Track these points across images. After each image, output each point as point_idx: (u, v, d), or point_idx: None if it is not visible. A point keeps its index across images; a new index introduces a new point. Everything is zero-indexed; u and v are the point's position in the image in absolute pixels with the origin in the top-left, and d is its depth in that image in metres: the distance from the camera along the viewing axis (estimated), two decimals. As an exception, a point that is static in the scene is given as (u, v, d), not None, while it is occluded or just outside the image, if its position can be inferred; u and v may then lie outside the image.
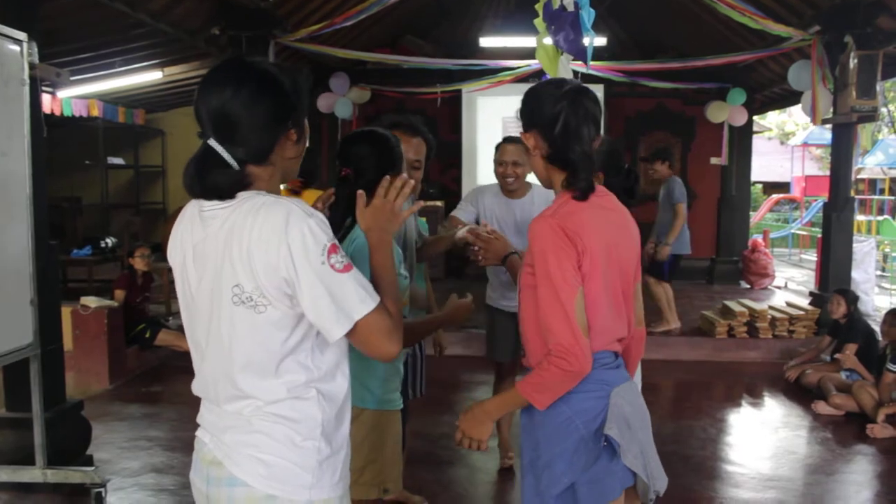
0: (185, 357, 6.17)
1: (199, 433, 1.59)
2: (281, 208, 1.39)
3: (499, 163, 3.67)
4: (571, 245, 1.69)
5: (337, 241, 1.43)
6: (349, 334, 1.43)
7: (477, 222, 3.66)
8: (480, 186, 3.94)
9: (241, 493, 1.45)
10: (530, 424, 1.83)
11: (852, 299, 5.66)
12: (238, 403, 1.47)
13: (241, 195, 1.44)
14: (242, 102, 1.42)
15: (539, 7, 4.05)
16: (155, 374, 6.09)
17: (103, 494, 3.59)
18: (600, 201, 1.81)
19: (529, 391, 1.74)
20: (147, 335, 6.10)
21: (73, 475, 3.64)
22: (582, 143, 1.76)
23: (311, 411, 1.46)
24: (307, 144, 1.61)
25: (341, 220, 2.12)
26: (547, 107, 1.78)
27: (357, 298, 1.41)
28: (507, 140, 3.70)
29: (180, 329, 6.61)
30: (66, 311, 5.25)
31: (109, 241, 8.64)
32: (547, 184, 1.89)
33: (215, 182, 1.42)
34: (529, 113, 1.84)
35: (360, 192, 1.71)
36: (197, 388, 1.59)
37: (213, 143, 1.43)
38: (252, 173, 1.45)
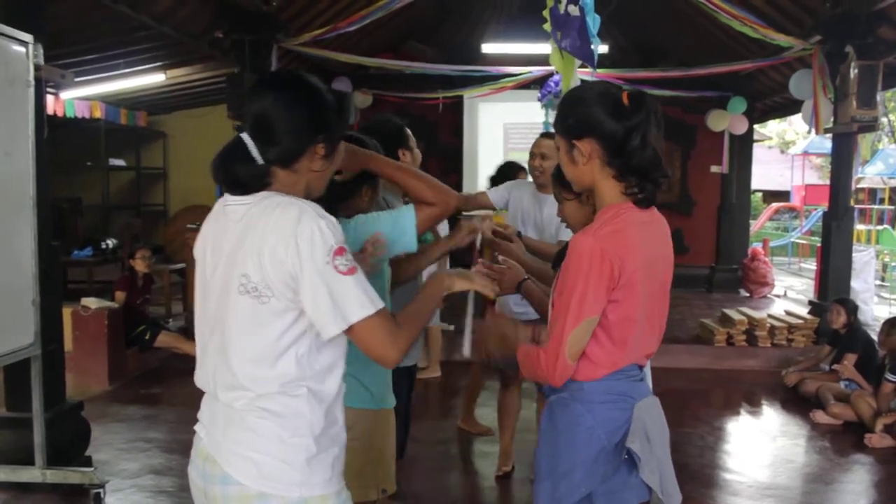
0: (185, 359, 6.20)
1: (197, 427, 1.63)
2: (295, 207, 1.46)
3: (530, 155, 3.74)
4: (608, 271, 1.65)
5: (346, 245, 1.47)
6: (351, 336, 1.48)
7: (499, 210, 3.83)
8: (520, 181, 3.96)
9: (234, 492, 1.48)
10: (552, 432, 1.82)
11: (852, 309, 5.67)
12: (232, 394, 1.50)
13: (262, 193, 1.51)
14: (280, 105, 1.51)
15: (547, 13, 4.07)
16: (154, 375, 6.10)
17: (102, 495, 3.60)
18: (643, 216, 1.75)
19: (521, 357, 1.81)
20: (147, 337, 6.11)
21: (72, 476, 3.65)
22: (652, 147, 1.70)
23: (300, 408, 1.48)
24: (337, 166, 1.67)
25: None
26: (600, 112, 1.70)
27: (356, 302, 1.44)
28: (543, 135, 3.79)
29: (180, 331, 6.63)
30: (66, 312, 5.25)
31: (110, 242, 8.65)
32: (587, 194, 1.92)
33: (235, 172, 1.51)
34: (582, 119, 1.73)
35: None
36: (198, 378, 1.62)
37: (244, 135, 1.52)
38: (275, 175, 1.53)
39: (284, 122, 1.51)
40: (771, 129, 24.33)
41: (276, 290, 1.44)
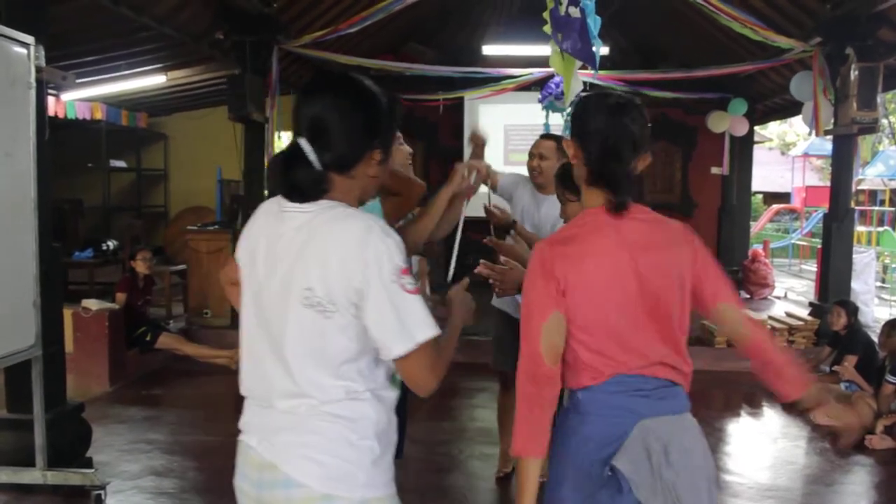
0: (186, 361, 6.19)
1: (243, 437, 1.58)
2: (363, 223, 1.44)
3: (529, 155, 3.78)
4: (549, 274, 1.69)
5: (409, 266, 1.47)
6: (401, 365, 1.46)
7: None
8: (527, 178, 3.95)
9: (298, 494, 1.46)
10: (552, 441, 1.79)
11: (853, 310, 5.67)
12: (293, 401, 1.48)
13: (324, 203, 1.48)
14: (340, 110, 1.48)
15: (547, 15, 4.07)
16: (155, 377, 6.09)
17: (103, 497, 3.60)
18: (616, 220, 1.75)
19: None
20: (148, 338, 6.10)
21: (73, 477, 3.65)
22: (620, 161, 1.74)
23: (367, 411, 1.49)
24: (388, 170, 1.65)
25: None
26: (589, 118, 1.77)
27: (423, 321, 1.44)
28: (543, 136, 3.84)
29: (181, 332, 6.64)
30: (67, 314, 5.26)
31: (111, 243, 8.65)
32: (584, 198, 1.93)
33: (298, 179, 1.46)
34: (574, 121, 1.84)
35: (465, 280, 1.83)
36: (247, 386, 1.59)
37: (302, 141, 1.47)
38: (333, 181, 1.49)
39: (342, 127, 1.48)
40: (771, 130, 24.34)
41: (340, 306, 1.43)
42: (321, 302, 1.43)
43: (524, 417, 1.69)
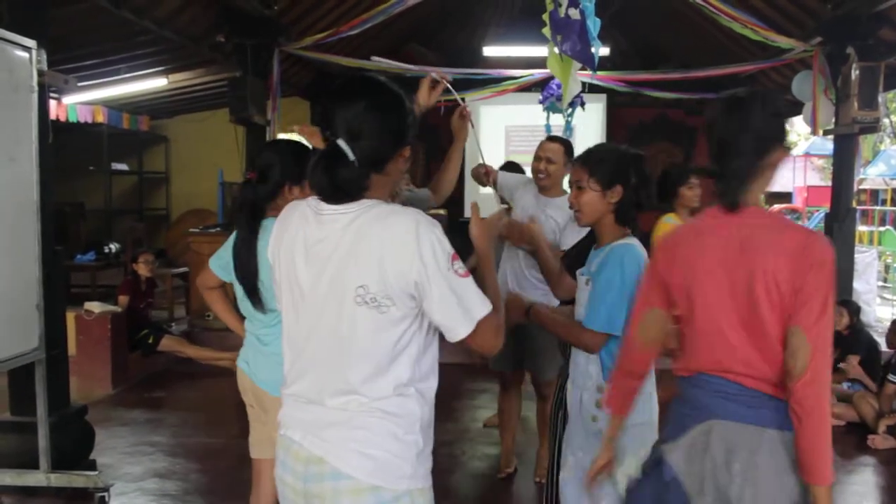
0: (188, 363, 6.20)
1: (286, 432, 1.64)
2: (409, 217, 1.53)
3: (535, 157, 3.75)
4: (659, 268, 1.89)
5: (455, 251, 1.55)
6: (467, 342, 1.57)
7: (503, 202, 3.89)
8: (529, 180, 3.92)
9: (346, 486, 1.52)
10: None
11: (855, 310, 5.66)
12: (343, 398, 1.55)
13: (364, 202, 1.55)
14: (375, 113, 1.56)
15: (546, 17, 4.08)
16: (157, 379, 6.10)
17: (106, 499, 3.61)
18: (707, 223, 1.84)
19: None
20: (150, 341, 6.11)
21: (76, 479, 3.66)
22: (735, 157, 1.78)
23: (412, 407, 1.57)
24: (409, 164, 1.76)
25: (249, 217, 2.31)
26: (713, 114, 1.88)
27: (479, 301, 1.55)
28: (549, 138, 3.81)
29: (183, 335, 6.65)
30: (69, 317, 5.23)
31: (113, 246, 8.65)
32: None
33: (342, 178, 1.53)
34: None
35: (474, 202, 1.82)
36: (292, 384, 1.64)
37: (341, 142, 1.54)
38: (372, 179, 1.57)
39: (378, 128, 1.56)
40: (773, 130, 24.31)
41: (397, 300, 1.50)
42: (376, 298, 1.50)
43: (618, 383, 2.04)
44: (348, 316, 1.52)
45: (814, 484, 1.71)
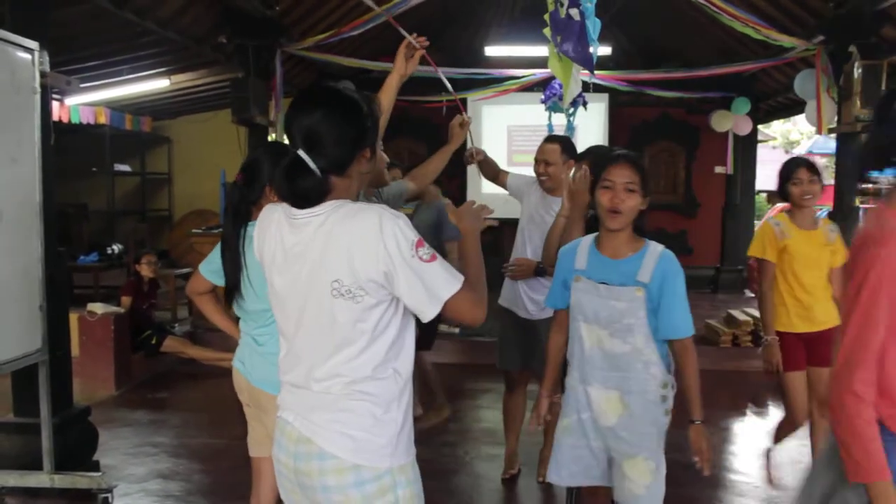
0: (191, 364, 6.18)
1: (281, 414, 1.76)
2: (373, 213, 1.62)
3: (535, 160, 3.77)
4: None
5: (421, 238, 1.64)
6: (444, 310, 1.64)
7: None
8: (534, 180, 3.91)
9: (330, 465, 1.64)
10: None
11: None
12: (328, 382, 1.66)
13: (332, 203, 1.66)
14: (331, 122, 1.65)
15: (547, 16, 4.07)
16: (161, 380, 6.11)
17: (110, 500, 3.61)
18: None
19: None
20: (153, 342, 6.12)
21: (80, 480, 3.67)
22: None
23: (389, 388, 1.67)
24: (376, 163, 1.85)
25: (233, 218, 2.46)
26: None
27: (444, 282, 1.62)
28: (548, 139, 3.79)
29: (186, 335, 6.65)
30: (72, 318, 5.25)
31: (116, 247, 8.67)
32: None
33: (302, 186, 1.64)
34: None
35: (448, 202, 1.93)
36: (286, 372, 1.77)
37: (301, 153, 1.64)
38: (333, 183, 1.67)
39: (335, 135, 1.65)
40: (775, 129, 24.29)
41: (369, 289, 1.61)
42: (350, 290, 1.61)
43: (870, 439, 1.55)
44: (327, 309, 1.63)
45: None
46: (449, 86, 3.14)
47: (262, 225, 1.80)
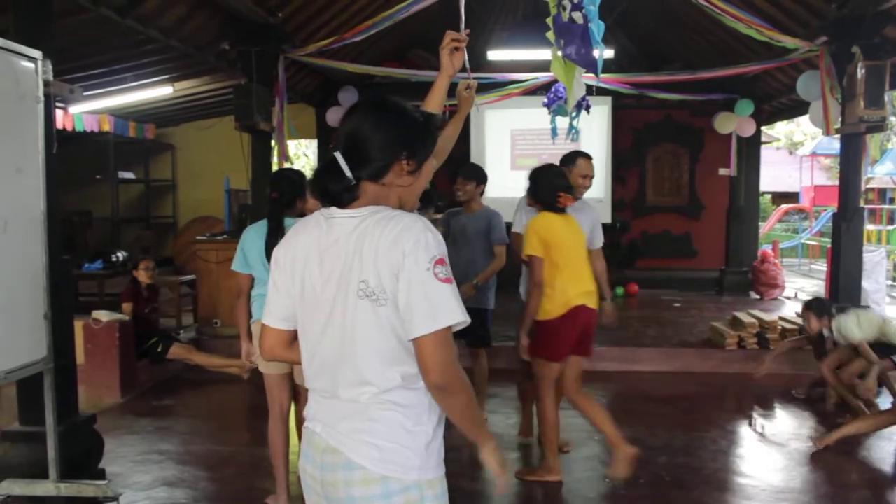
0: (197, 370, 6.16)
1: (308, 424, 1.74)
2: (408, 219, 1.61)
3: (582, 175, 4.21)
4: None
5: (447, 259, 1.59)
6: (423, 344, 1.55)
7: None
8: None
9: (357, 476, 1.61)
10: None
11: (825, 309, 5.46)
12: (356, 390, 1.63)
13: (371, 208, 1.65)
14: (367, 125, 1.68)
15: (550, 20, 4.06)
16: (166, 387, 6.11)
17: (116, 508, 3.61)
18: None
19: None
20: (159, 349, 6.11)
21: (86, 489, 3.66)
22: None
23: (420, 399, 1.64)
24: (425, 181, 1.79)
25: (274, 231, 3.35)
26: None
27: (448, 308, 1.56)
28: (582, 155, 4.30)
29: (191, 342, 6.65)
30: (77, 326, 5.27)
31: (120, 255, 8.68)
32: None
33: (328, 187, 1.67)
34: None
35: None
36: (311, 380, 1.73)
37: (337, 155, 1.67)
38: (366, 189, 1.67)
39: (370, 140, 1.66)
40: (779, 130, 24.27)
41: (390, 293, 1.57)
42: (374, 291, 1.58)
43: None
44: (352, 309, 1.61)
45: None
46: (467, 65, 3.10)
47: (296, 231, 1.78)
